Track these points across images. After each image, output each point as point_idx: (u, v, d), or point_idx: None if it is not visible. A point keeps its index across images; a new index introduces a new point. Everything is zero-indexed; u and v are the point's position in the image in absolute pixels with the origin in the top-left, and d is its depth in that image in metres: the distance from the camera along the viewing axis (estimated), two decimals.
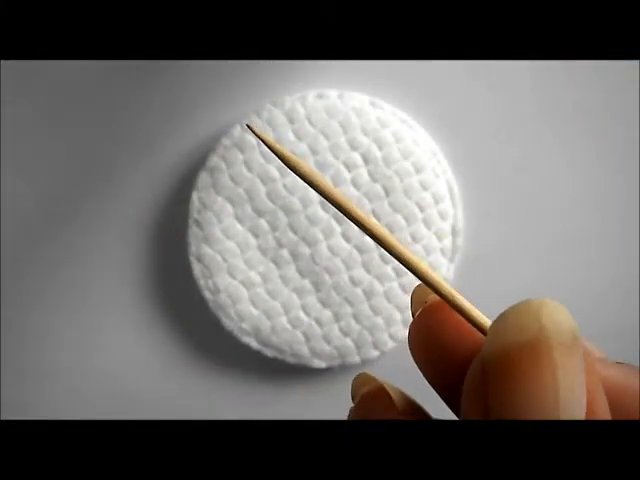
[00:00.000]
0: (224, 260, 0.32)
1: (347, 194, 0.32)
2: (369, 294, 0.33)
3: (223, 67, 0.32)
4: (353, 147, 0.32)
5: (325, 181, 0.17)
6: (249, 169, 0.32)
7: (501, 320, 0.16)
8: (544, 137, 0.33)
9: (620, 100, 0.33)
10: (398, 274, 0.33)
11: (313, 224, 0.32)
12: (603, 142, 0.34)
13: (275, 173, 0.32)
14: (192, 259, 0.32)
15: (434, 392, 0.18)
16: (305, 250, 0.32)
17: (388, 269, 0.32)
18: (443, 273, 0.33)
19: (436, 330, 0.18)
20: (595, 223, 0.34)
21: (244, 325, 0.33)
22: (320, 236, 0.32)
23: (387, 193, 0.32)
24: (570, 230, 0.34)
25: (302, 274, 0.32)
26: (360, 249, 0.32)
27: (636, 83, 0.33)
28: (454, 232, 0.33)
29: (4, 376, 0.34)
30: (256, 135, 0.18)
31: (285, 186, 0.32)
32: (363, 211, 0.32)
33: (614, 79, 0.33)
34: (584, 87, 0.33)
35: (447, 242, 0.33)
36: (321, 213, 0.32)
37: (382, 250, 0.32)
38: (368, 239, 0.32)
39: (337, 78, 0.32)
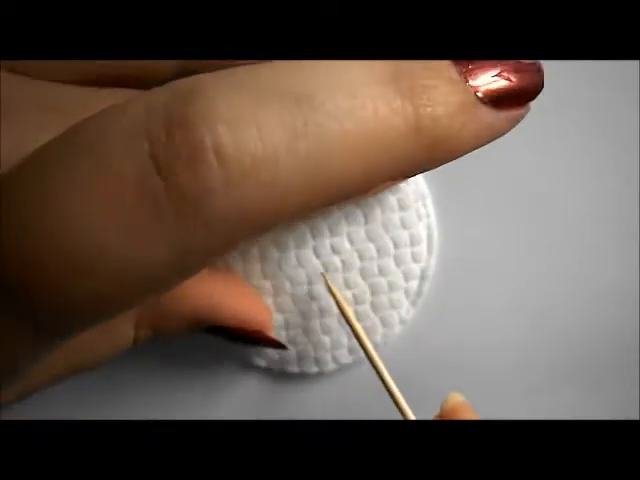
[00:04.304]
0: None
1: (328, 213, 0.32)
2: (324, 312, 0.33)
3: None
4: None
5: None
6: None
7: None
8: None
9: (619, 101, 0.33)
10: (356, 302, 0.33)
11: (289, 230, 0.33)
12: (603, 144, 0.33)
13: None
14: None
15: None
16: (274, 253, 0.33)
17: (349, 294, 0.33)
18: (402, 314, 0.33)
19: None
20: (593, 226, 0.34)
21: None
22: (291, 243, 0.33)
23: (366, 220, 0.32)
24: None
25: (265, 276, 0.33)
26: (327, 268, 0.33)
27: (636, 83, 0.33)
28: (423, 277, 0.33)
29: None
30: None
31: None
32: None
33: (613, 79, 0.33)
34: (582, 88, 0.33)
35: (413, 284, 0.33)
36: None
37: (349, 274, 0.33)
38: (337, 260, 0.33)
39: None
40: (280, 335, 0.33)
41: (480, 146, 0.19)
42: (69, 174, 0.15)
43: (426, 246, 0.33)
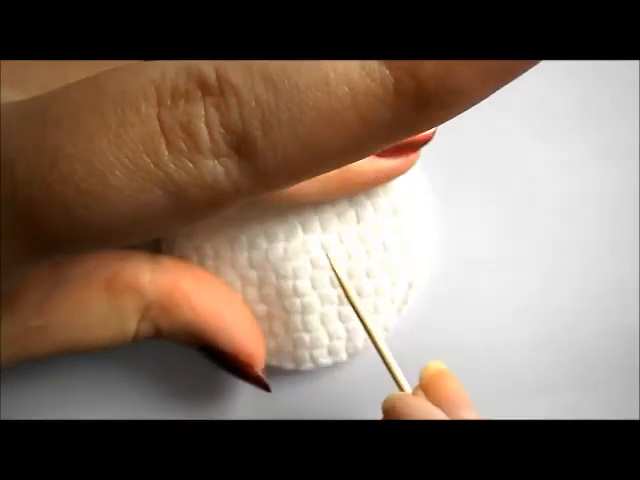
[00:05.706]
0: None
1: (321, 210, 0.32)
2: (306, 309, 0.32)
3: None
4: None
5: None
6: None
7: None
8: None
9: (619, 101, 0.33)
10: (341, 302, 0.32)
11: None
12: (603, 144, 0.33)
13: None
14: None
15: None
16: (263, 243, 0.32)
17: (334, 293, 0.32)
18: (386, 321, 0.33)
19: None
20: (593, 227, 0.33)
21: None
22: (281, 235, 0.32)
23: (359, 221, 0.32)
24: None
25: (252, 265, 0.32)
26: (314, 264, 0.32)
27: (636, 83, 0.32)
28: (410, 285, 0.32)
29: (4, 376, 0.33)
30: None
31: None
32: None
33: (613, 79, 0.32)
34: (582, 89, 0.32)
35: (400, 291, 0.32)
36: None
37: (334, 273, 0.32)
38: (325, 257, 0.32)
39: None
40: (262, 325, 0.33)
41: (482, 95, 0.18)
42: (96, 120, 0.18)
43: (417, 254, 0.32)
